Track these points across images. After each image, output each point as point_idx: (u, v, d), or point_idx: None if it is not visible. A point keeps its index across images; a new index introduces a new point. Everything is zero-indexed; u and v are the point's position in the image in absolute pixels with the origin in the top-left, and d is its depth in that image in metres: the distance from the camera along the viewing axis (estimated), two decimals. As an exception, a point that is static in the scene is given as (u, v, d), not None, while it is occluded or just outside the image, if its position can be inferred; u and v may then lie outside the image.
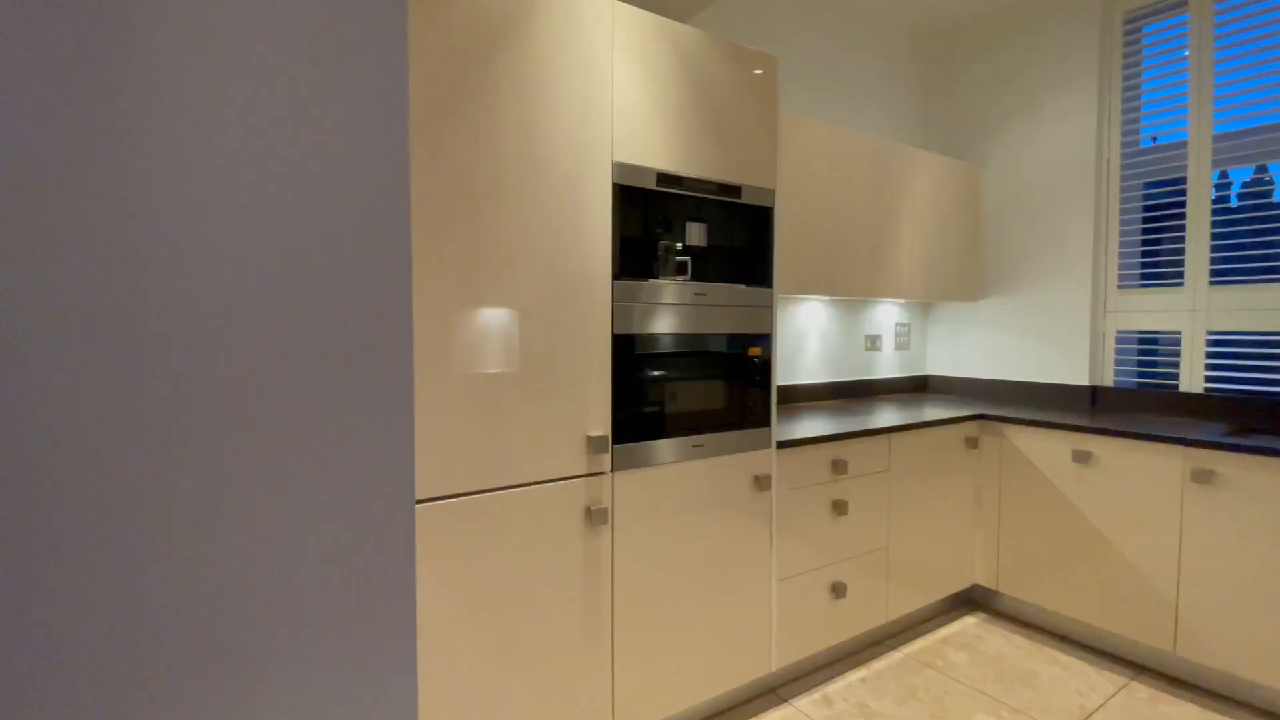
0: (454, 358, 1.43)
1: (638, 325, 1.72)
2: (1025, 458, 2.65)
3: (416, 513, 1.35)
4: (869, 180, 2.73)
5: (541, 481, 1.57)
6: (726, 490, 1.91)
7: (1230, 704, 2.15)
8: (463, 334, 1.44)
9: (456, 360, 1.43)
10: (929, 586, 2.60)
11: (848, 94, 3.17)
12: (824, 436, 2.16)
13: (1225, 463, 2.14)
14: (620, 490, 1.70)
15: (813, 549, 2.17)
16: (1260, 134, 2.59)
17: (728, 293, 1.90)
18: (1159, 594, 2.29)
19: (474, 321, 1.45)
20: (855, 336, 3.25)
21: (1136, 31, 2.94)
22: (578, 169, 1.61)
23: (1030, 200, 3.21)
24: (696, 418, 1.84)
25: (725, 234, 1.93)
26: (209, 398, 0.53)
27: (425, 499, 1.40)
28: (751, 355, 1.95)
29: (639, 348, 1.72)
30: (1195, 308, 2.77)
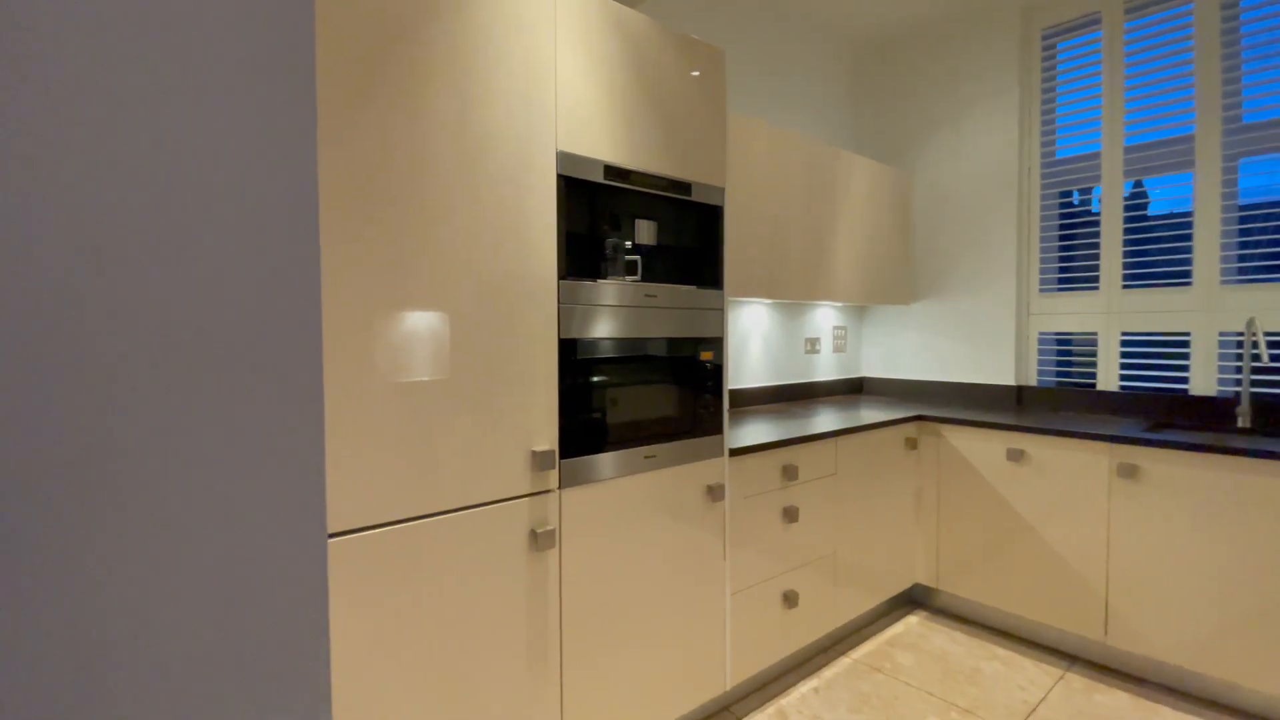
0: (376, 368, 1.23)
1: (586, 329, 1.56)
2: (962, 457, 2.66)
3: (330, 549, 1.15)
4: (809, 183, 2.67)
5: (480, 505, 1.38)
6: (679, 503, 1.78)
7: (1158, 689, 2.20)
8: (387, 340, 1.24)
9: (379, 371, 1.23)
10: (874, 588, 2.56)
11: (783, 97, 3.13)
12: (775, 442, 2.06)
13: (1148, 458, 2.19)
14: (569, 509, 1.54)
15: (765, 558, 2.07)
16: (1168, 146, 2.70)
17: (679, 294, 1.77)
18: (1089, 586, 2.32)
19: (399, 326, 1.26)
20: (796, 339, 3.20)
21: (1053, 48, 3.03)
22: (519, 158, 1.43)
23: (957, 207, 3.26)
24: (648, 427, 1.70)
25: (675, 233, 1.80)
26: (48, 421, 0.36)
27: (341, 532, 1.19)
28: (703, 360, 1.82)
29: (587, 353, 1.57)
30: (1110, 310, 2.86)
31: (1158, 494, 2.17)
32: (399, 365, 1.25)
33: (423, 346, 1.28)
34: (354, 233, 1.19)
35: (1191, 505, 2.10)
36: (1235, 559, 2.02)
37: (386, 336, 1.24)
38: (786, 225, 2.56)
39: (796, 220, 2.61)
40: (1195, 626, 2.09)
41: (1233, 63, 2.53)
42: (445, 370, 1.32)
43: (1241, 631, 2.00)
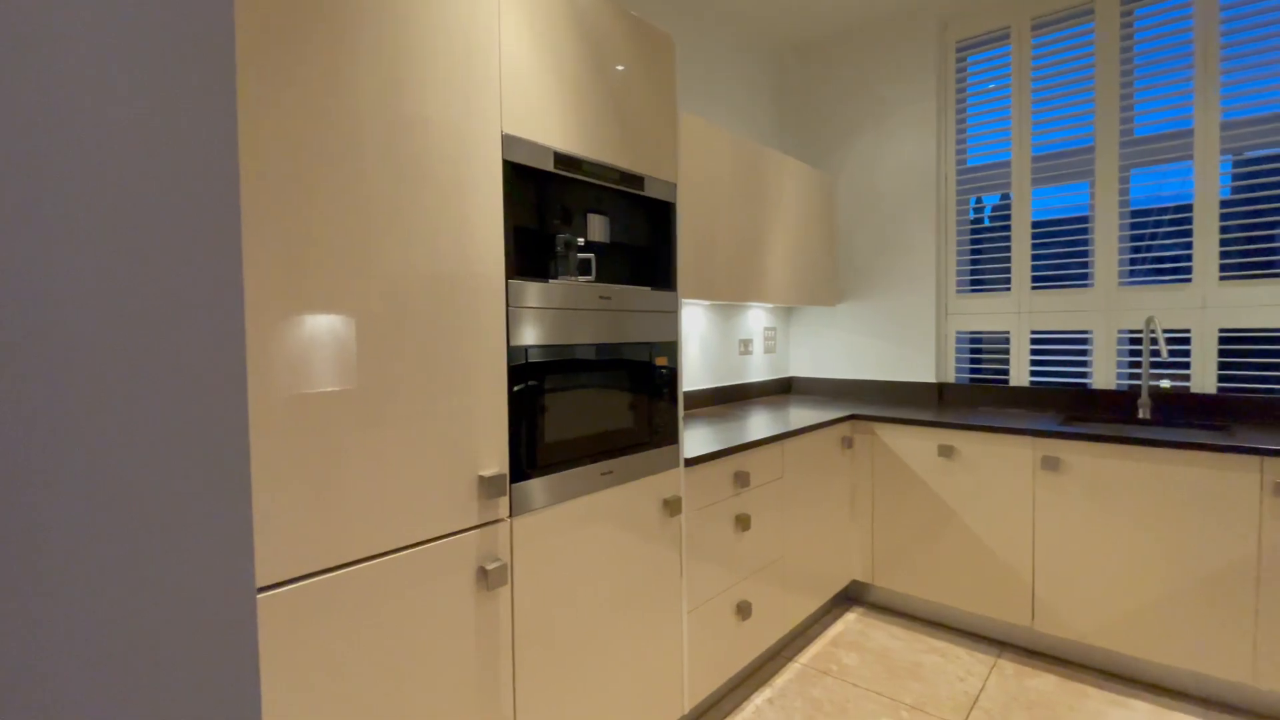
0: (280, 384, 0.99)
1: (538, 334, 1.37)
2: (895, 454, 2.67)
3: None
4: (741, 183, 2.59)
5: (416, 544, 1.16)
6: (637, 521, 1.62)
7: (1084, 670, 2.28)
8: (295, 350, 1.01)
9: (282, 387, 0.99)
10: (817, 589, 2.52)
11: (710, 96, 3.04)
12: (728, 449, 1.95)
13: (1068, 450, 2.27)
14: (522, 540, 1.35)
15: (720, 571, 1.96)
16: (1071, 156, 2.83)
17: (634, 296, 1.61)
18: (1017, 574, 2.38)
19: (312, 334, 1.03)
20: (730, 341, 3.13)
21: (966, 60, 3.12)
22: (459, 138, 1.23)
23: (879, 210, 3.30)
24: (605, 440, 1.53)
25: (627, 230, 1.64)
26: None
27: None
28: (659, 366, 1.68)
29: (540, 361, 1.38)
30: (1020, 310, 2.98)
31: (1077, 484, 2.25)
32: (312, 383, 1.02)
33: (342, 360, 1.06)
34: (257, 226, 0.95)
35: (1107, 494, 2.19)
36: (1147, 543, 2.12)
37: (289, 344, 1.00)
38: (720, 225, 2.47)
39: (729, 220, 2.52)
40: (1114, 609, 2.18)
41: (1127, 79, 2.68)
42: (376, 391, 1.09)
43: (1155, 611, 2.10)
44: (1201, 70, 2.50)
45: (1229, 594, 1.98)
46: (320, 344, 1.02)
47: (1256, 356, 2.46)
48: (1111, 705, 2.07)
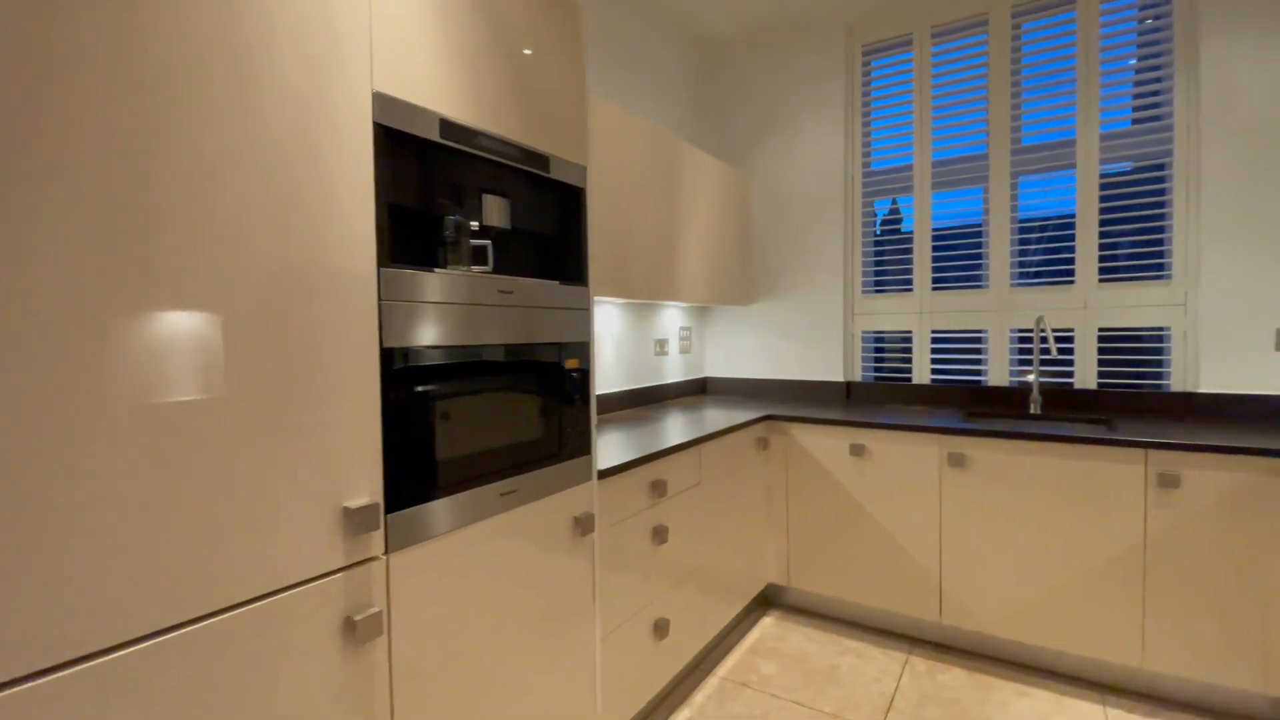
0: (66, 402, 0.71)
1: (422, 333, 1.13)
2: (809, 454, 2.61)
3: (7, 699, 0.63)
4: (658, 177, 2.44)
5: (263, 597, 0.91)
6: (543, 544, 1.41)
7: (990, 662, 2.29)
8: (86, 361, 0.73)
9: (70, 408, 0.72)
10: (735, 596, 2.40)
11: (625, 86, 2.87)
12: (645, 457, 1.78)
13: (972, 446, 2.27)
14: (402, 580, 1.10)
15: (637, 588, 1.79)
16: (967, 162, 2.89)
17: (539, 291, 1.40)
18: (926, 570, 2.37)
19: (126, 340, 0.75)
20: (646, 341, 2.97)
21: (870, 65, 3.13)
22: (316, 93, 0.97)
23: (791, 210, 3.26)
24: (506, 455, 1.31)
25: (531, 215, 1.43)
26: None
27: (18, 679, 0.67)
28: (569, 369, 1.48)
29: (424, 366, 1.14)
30: (922, 310, 3.01)
31: (980, 480, 2.26)
32: (99, 397, 0.74)
33: (169, 374, 0.79)
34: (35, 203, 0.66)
35: (1008, 489, 2.21)
36: (1045, 535, 2.15)
37: (103, 361, 0.72)
38: (636, 220, 2.30)
39: (646, 215, 2.36)
40: (1016, 600, 2.21)
41: (1017, 90, 2.76)
42: (195, 405, 0.83)
43: (1053, 600, 2.14)
44: (1083, 83, 2.60)
45: (1119, 581, 2.04)
46: (128, 353, 0.74)
47: (1130, 353, 2.60)
48: (1016, 695, 2.08)
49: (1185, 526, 1.94)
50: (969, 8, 2.81)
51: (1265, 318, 2.27)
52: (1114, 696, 2.06)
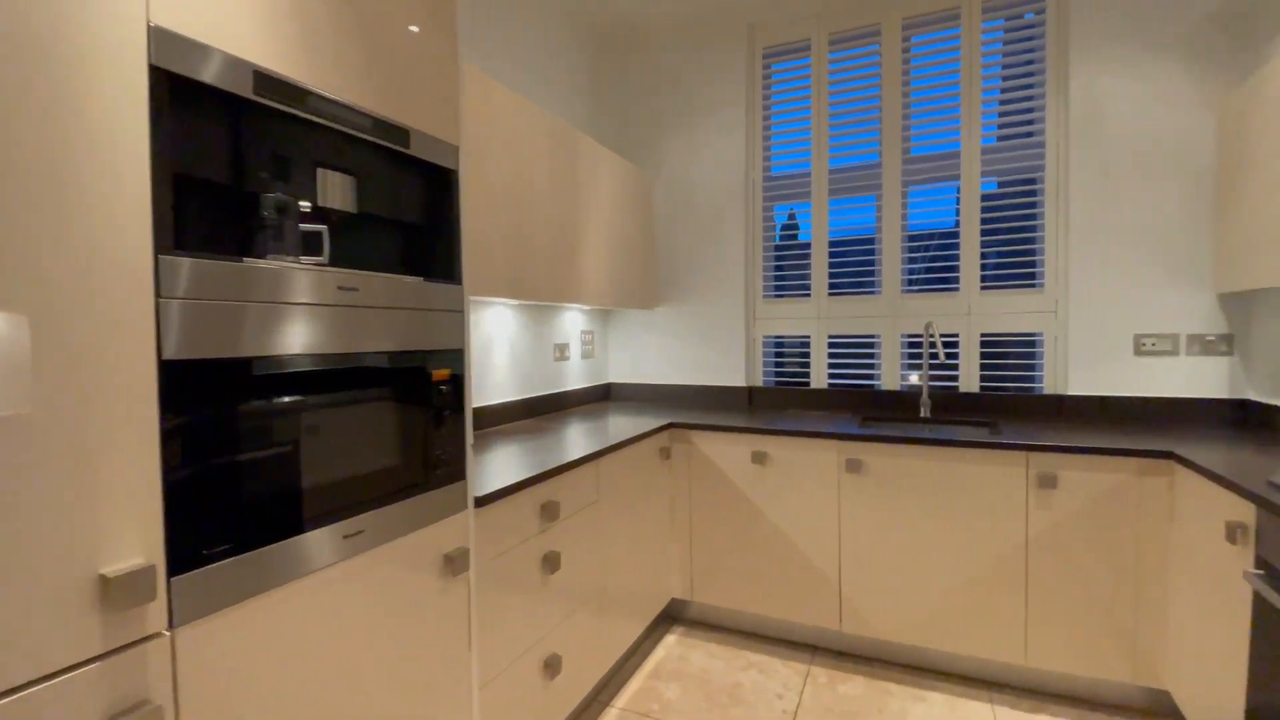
0: None
1: (222, 341, 0.88)
2: (712, 463, 2.50)
3: None
4: (555, 170, 2.24)
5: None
6: (403, 589, 1.18)
7: (888, 667, 2.27)
8: None
9: None
10: (637, 615, 2.24)
11: (523, 70, 2.65)
12: (533, 478, 1.57)
13: (868, 452, 2.25)
14: (195, 661, 0.84)
15: (523, 627, 1.57)
16: (862, 170, 2.90)
17: (398, 289, 1.17)
18: (826, 578, 2.32)
19: None
20: (545, 346, 2.76)
21: (771, 68, 3.09)
22: (63, 23, 0.71)
23: (694, 212, 3.16)
24: (350, 490, 1.07)
25: (388, 199, 1.19)
26: None
27: None
28: (437, 381, 1.25)
29: (228, 383, 0.89)
30: (819, 315, 3.01)
31: (877, 485, 2.24)
32: None
33: None
34: None
35: (902, 493, 2.20)
36: (936, 538, 2.15)
37: None
38: (533, 215, 2.09)
39: (544, 211, 2.16)
40: (910, 605, 2.20)
41: (907, 101, 2.81)
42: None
43: (945, 603, 2.14)
44: (966, 98, 2.67)
45: (1005, 582, 2.06)
46: None
47: (1008, 358, 2.70)
48: (913, 701, 2.06)
49: (1063, 526, 1.99)
50: (863, 17, 2.83)
51: (1125, 325, 2.41)
52: (1001, 694, 2.09)
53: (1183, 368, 2.35)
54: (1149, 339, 2.39)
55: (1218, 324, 2.30)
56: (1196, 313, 2.32)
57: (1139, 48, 2.35)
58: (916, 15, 2.74)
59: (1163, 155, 2.34)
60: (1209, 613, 1.62)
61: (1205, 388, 2.32)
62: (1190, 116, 2.30)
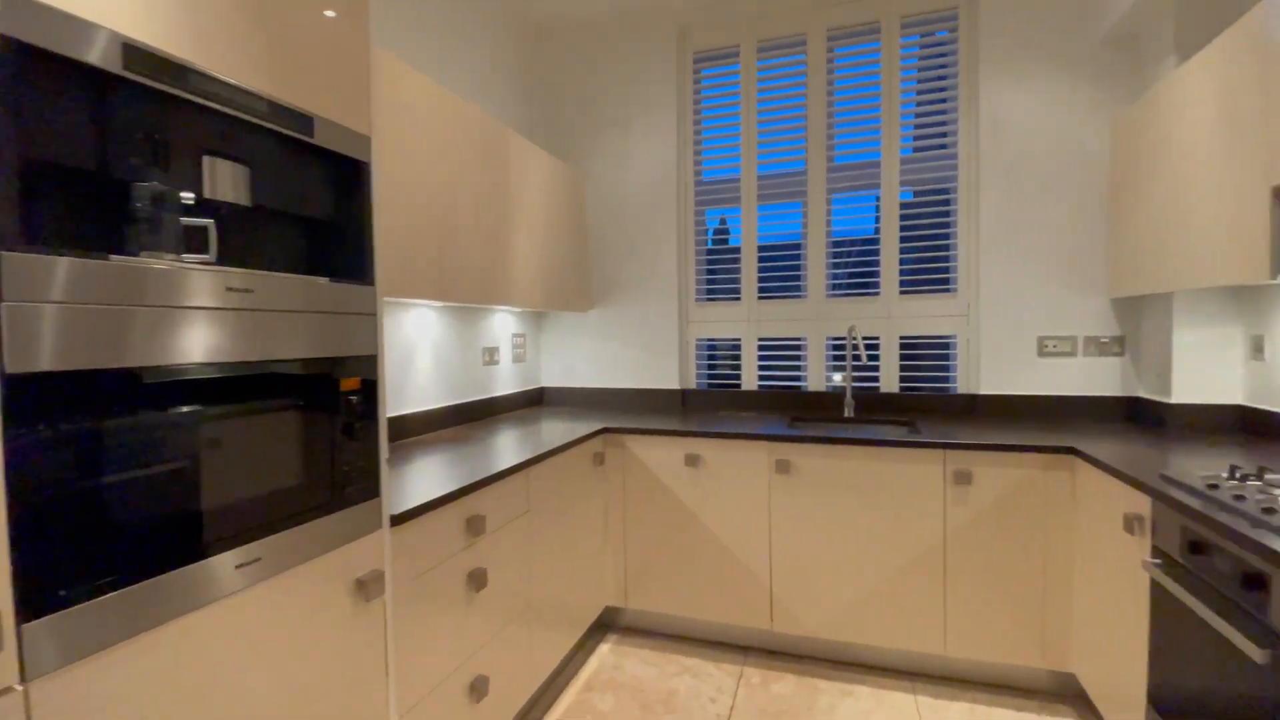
0: None
1: (82, 350, 0.76)
2: (646, 467, 2.47)
3: None
4: (483, 167, 2.15)
5: None
6: (308, 619, 1.07)
7: (815, 663, 2.30)
8: None
9: None
10: (570, 627, 2.18)
11: (449, 63, 2.53)
12: (457, 491, 1.49)
13: (796, 452, 2.28)
14: (57, 716, 0.73)
15: (446, 649, 1.48)
16: (789, 177, 2.96)
17: (300, 290, 1.06)
18: (757, 579, 2.34)
19: None
20: (473, 349, 2.65)
21: (702, 71, 3.10)
22: None
23: (628, 214, 3.13)
24: (244, 514, 0.96)
25: (288, 192, 1.09)
26: None
27: None
28: (346, 391, 1.15)
29: (91, 398, 0.77)
30: (750, 319, 3.04)
31: (805, 484, 2.27)
32: None
33: None
34: None
35: (829, 492, 2.24)
36: (861, 536, 2.20)
37: None
38: (458, 213, 1.99)
39: (470, 208, 2.06)
40: (838, 601, 2.24)
41: (831, 110, 2.88)
42: None
43: (870, 599, 2.20)
44: (886, 109, 2.77)
45: (925, 575, 2.14)
46: None
47: (925, 359, 2.81)
48: (841, 696, 2.10)
49: (977, 520, 2.08)
50: (789, 26, 2.88)
51: (1030, 327, 2.56)
52: (923, 684, 2.16)
53: (1080, 367, 2.52)
54: (1051, 340, 2.55)
55: (1111, 326, 2.48)
56: (1092, 316, 2.50)
57: (1041, 66, 2.51)
58: (840, 27, 2.82)
59: (1063, 168, 2.50)
60: (1111, 600, 1.73)
61: (1100, 386, 2.50)
62: (1087, 132, 2.47)
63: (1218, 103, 1.68)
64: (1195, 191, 1.80)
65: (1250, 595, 1.10)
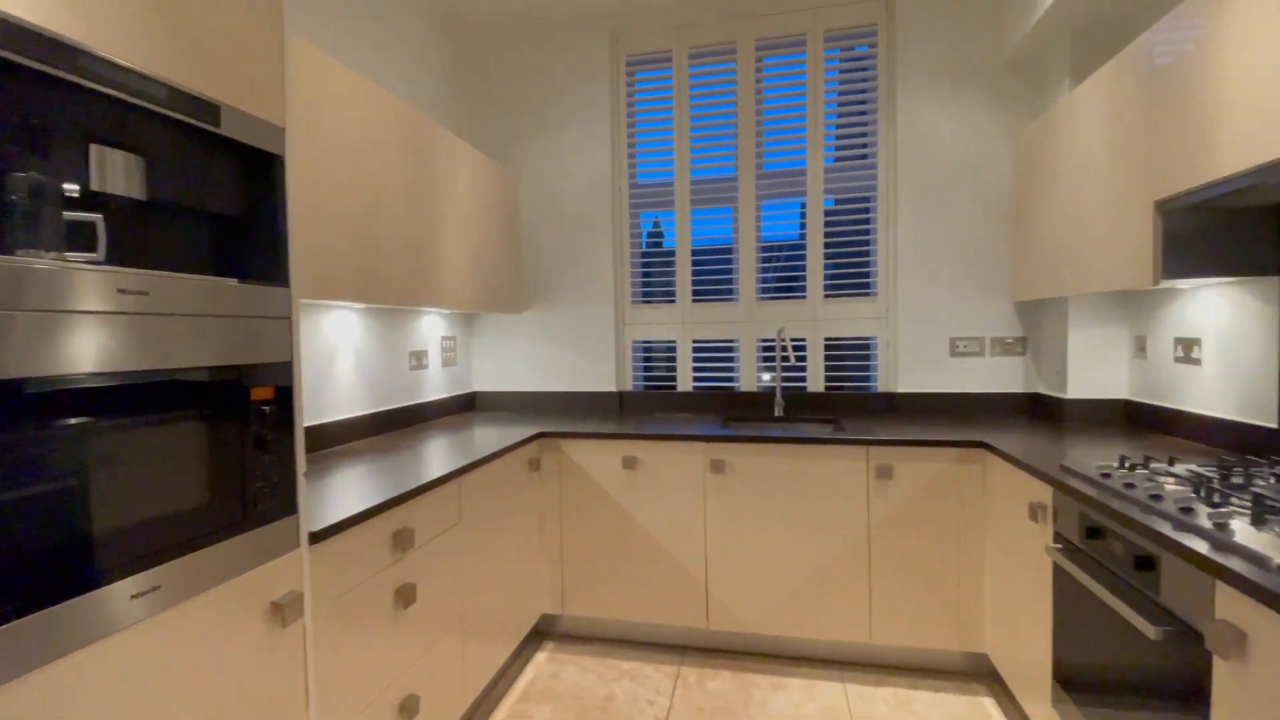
0: None
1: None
2: (583, 471, 2.45)
3: None
4: (410, 164, 2.07)
5: None
6: (219, 650, 0.99)
7: (750, 658, 2.35)
8: None
9: None
10: (505, 637, 2.13)
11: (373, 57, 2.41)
12: (382, 505, 1.41)
13: (730, 452, 2.32)
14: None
15: (372, 670, 1.41)
16: (721, 183, 3.01)
17: (203, 292, 0.98)
18: (693, 578, 2.36)
19: None
20: (399, 354, 2.53)
21: (635, 75, 3.11)
22: None
23: (563, 215, 3.09)
24: (139, 539, 0.87)
25: (191, 186, 1.00)
26: None
27: None
28: (258, 401, 1.07)
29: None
30: (684, 321, 3.08)
31: (738, 483, 2.32)
32: None
33: None
34: None
35: (761, 490, 2.29)
36: (792, 531, 2.27)
37: None
38: (384, 212, 1.90)
39: (396, 205, 1.97)
40: (770, 596, 2.30)
41: (760, 119, 2.95)
42: None
43: (801, 592, 2.27)
44: (811, 120, 2.87)
45: (851, 567, 2.22)
46: None
47: (848, 359, 2.93)
48: (774, 689, 2.15)
49: (898, 512, 2.18)
50: (720, 35, 2.93)
51: (943, 329, 2.72)
52: (851, 673, 2.24)
53: (988, 366, 2.69)
54: (962, 341, 2.71)
55: (1015, 328, 2.67)
56: (999, 318, 2.68)
57: (953, 84, 2.66)
58: (767, 38, 2.89)
59: (971, 180, 2.67)
60: (1018, 584, 1.85)
61: (1006, 383, 2.68)
62: (994, 147, 2.65)
63: (1107, 123, 1.84)
64: (1087, 205, 1.96)
65: (1142, 576, 1.20)
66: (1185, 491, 1.22)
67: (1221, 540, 1.04)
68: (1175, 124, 1.51)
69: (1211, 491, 1.26)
